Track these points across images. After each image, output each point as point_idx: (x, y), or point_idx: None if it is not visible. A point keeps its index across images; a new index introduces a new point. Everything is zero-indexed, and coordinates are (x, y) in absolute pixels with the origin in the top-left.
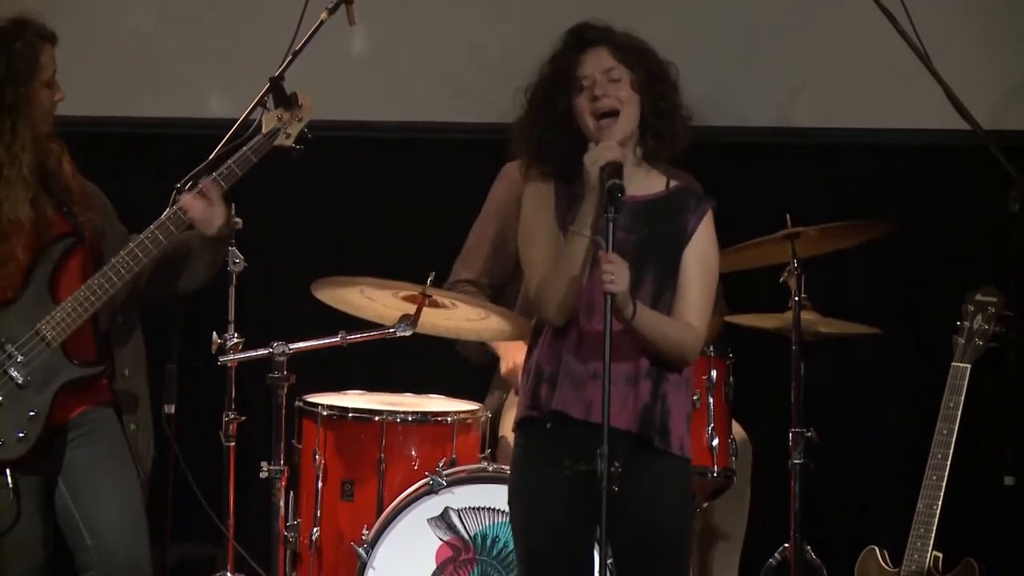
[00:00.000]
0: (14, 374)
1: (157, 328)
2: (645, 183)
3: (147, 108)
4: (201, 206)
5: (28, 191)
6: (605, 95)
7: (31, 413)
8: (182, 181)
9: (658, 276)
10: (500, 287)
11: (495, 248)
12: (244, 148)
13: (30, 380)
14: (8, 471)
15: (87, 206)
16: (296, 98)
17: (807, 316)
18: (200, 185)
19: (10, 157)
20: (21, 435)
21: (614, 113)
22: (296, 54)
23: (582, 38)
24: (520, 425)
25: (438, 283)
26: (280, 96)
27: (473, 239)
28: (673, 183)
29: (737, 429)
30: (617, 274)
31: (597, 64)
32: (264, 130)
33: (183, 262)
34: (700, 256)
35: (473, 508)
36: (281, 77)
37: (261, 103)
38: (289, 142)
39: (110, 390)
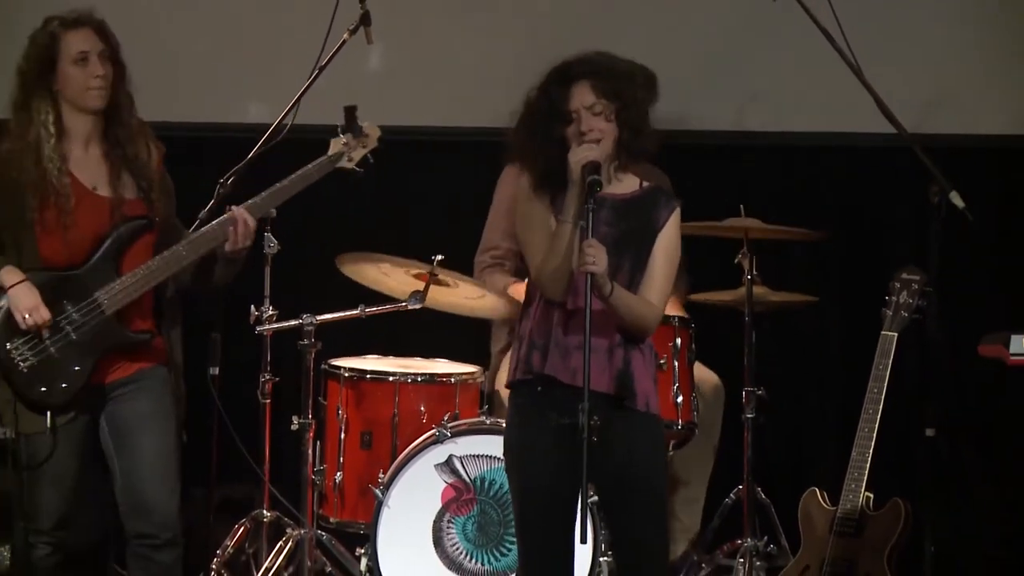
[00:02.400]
0: (69, 331)
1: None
2: (623, 185)
3: (192, 113)
4: (247, 224)
5: (99, 165)
6: (590, 129)
7: (76, 368)
8: (224, 177)
9: (634, 262)
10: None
11: (506, 222)
12: (309, 165)
13: (82, 339)
14: (49, 414)
15: (164, 197)
16: (362, 128)
17: (758, 291)
18: (251, 201)
19: (57, 131)
20: (64, 385)
21: (597, 140)
22: (323, 68)
23: (568, 74)
24: (514, 386)
25: (460, 266)
26: (351, 123)
27: (492, 216)
28: (646, 184)
29: (711, 376)
30: (597, 256)
31: (581, 100)
32: (330, 152)
33: (205, 268)
34: (666, 247)
35: (473, 455)
36: (354, 107)
37: (296, 105)
38: (351, 165)
39: (166, 354)
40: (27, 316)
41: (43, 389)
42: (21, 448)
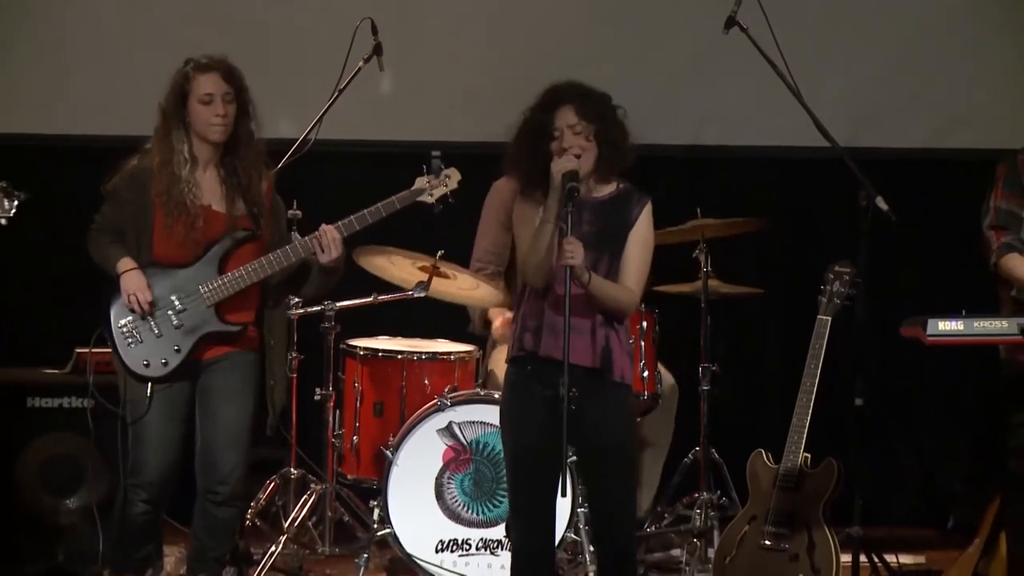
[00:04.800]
0: (172, 316)
1: None
2: (601, 189)
3: None
4: (331, 237)
5: (219, 184)
6: (572, 146)
7: (176, 348)
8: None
9: (612, 254)
10: (505, 270)
11: (495, 239)
12: (393, 197)
13: (183, 324)
14: (150, 384)
15: (270, 217)
16: (443, 170)
17: (711, 283)
18: (340, 223)
19: (180, 154)
20: (164, 362)
21: (577, 155)
22: (341, 91)
23: (556, 98)
24: (510, 362)
25: (458, 260)
26: (434, 166)
27: (479, 238)
28: (621, 186)
29: (668, 377)
30: (575, 251)
31: (565, 120)
32: (414, 187)
33: (302, 276)
34: (639, 238)
35: (470, 422)
36: (440, 154)
37: (319, 123)
38: (431, 200)
39: (259, 343)
40: (132, 296)
41: (145, 363)
42: (127, 412)
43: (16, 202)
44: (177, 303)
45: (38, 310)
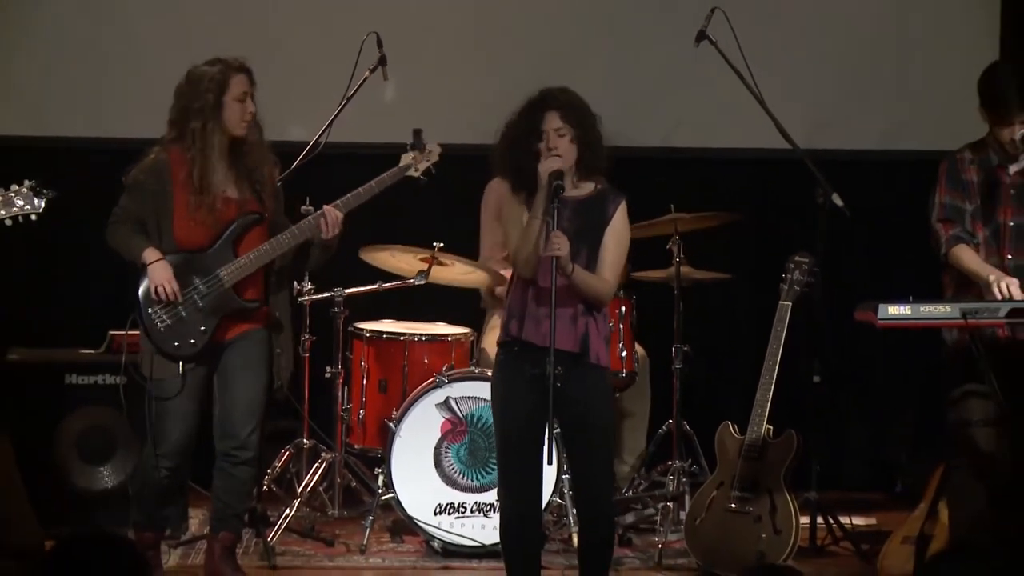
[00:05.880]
0: (197, 299)
1: None
2: (581, 190)
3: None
4: (336, 217)
5: (230, 173)
6: (556, 147)
7: (202, 328)
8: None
9: (591, 248)
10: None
11: (497, 233)
12: (384, 174)
13: (206, 305)
14: (181, 363)
15: (273, 200)
16: (426, 145)
17: (684, 270)
18: (339, 201)
19: (209, 147)
20: (192, 342)
21: (560, 156)
22: (349, 98)
23: (543, 103)
24: (499, 346)
25: (455, 251)
26: (418, 142)
27: (484, 236)
28: (599, 186)
29: (639, 350)
30: (561, 244)
31: (550, 124)
32: (400, 164)
33: (302, 256)
34: (615, 233)
35: (465, 397)
36: (420, 129)
37: (329, 128)
38: (416, 174)
39: (267, 318)
40: (160, 287)
41: (176, 344)
42: (152, 389)
43: (44, 200)
44: (201, 286)
45: (75, 296)
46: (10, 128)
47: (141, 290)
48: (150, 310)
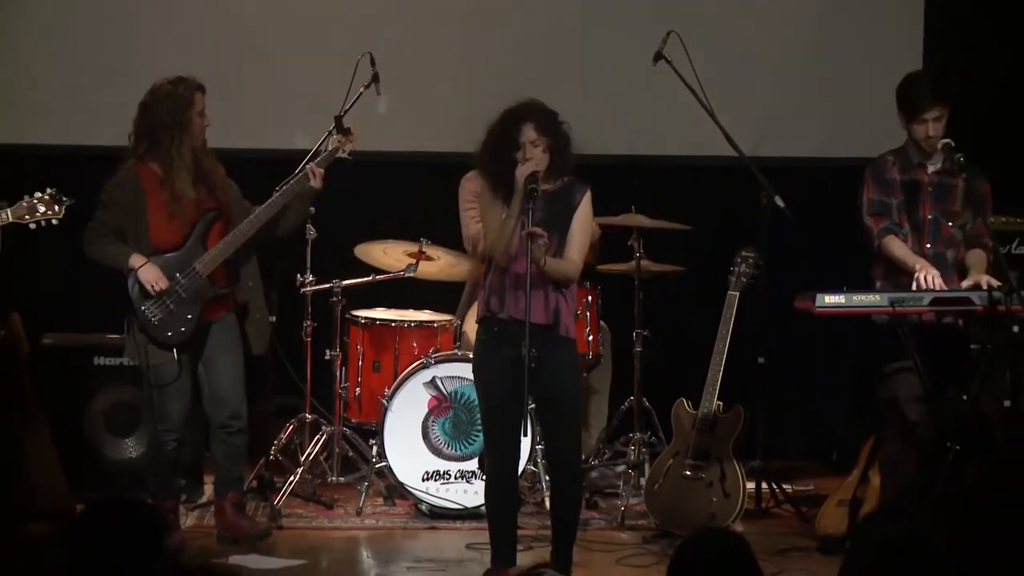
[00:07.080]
0: (180, 292)
1: (263, 274)
2: (551, 183)
3: (256, 141)
4: (320, 170)
5: (191, 178)
6: (531, 156)
7: (188, 316)
8: (280, 184)
9: (561, 233)
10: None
11: (474, 212)
12: (320, 157)
13: (189, 297)
14: (175, 350)
15: (226, 194)
16: (349, 129)
17: (644, 263)
18: (314, 163)
19: (180, 158)
20: (183, 330)
21: (535, 163)
22: (347, 111)
23: (520, 115)
24: (479, 323)
25: (439, 244)
26: (340, 128)
27: (465, 225)
28: (566, 179)
29: (605, 327)
30: (544, 236)
31: (527, 135)
32: (330, 147)
33: (284, 216)
34: (581, 219)
35: (450, 376)
36: (341, 116)
37: (328, 135)
38: (344, 155)
39: (234, 303)
40: (153, 286)
41: (169, 334)
42: (151, 374)
43: (63, 207)
44: (183, 280)
45: (101, 286)
46: (38, 137)
47: (132, 292)
48: (143, 308)
